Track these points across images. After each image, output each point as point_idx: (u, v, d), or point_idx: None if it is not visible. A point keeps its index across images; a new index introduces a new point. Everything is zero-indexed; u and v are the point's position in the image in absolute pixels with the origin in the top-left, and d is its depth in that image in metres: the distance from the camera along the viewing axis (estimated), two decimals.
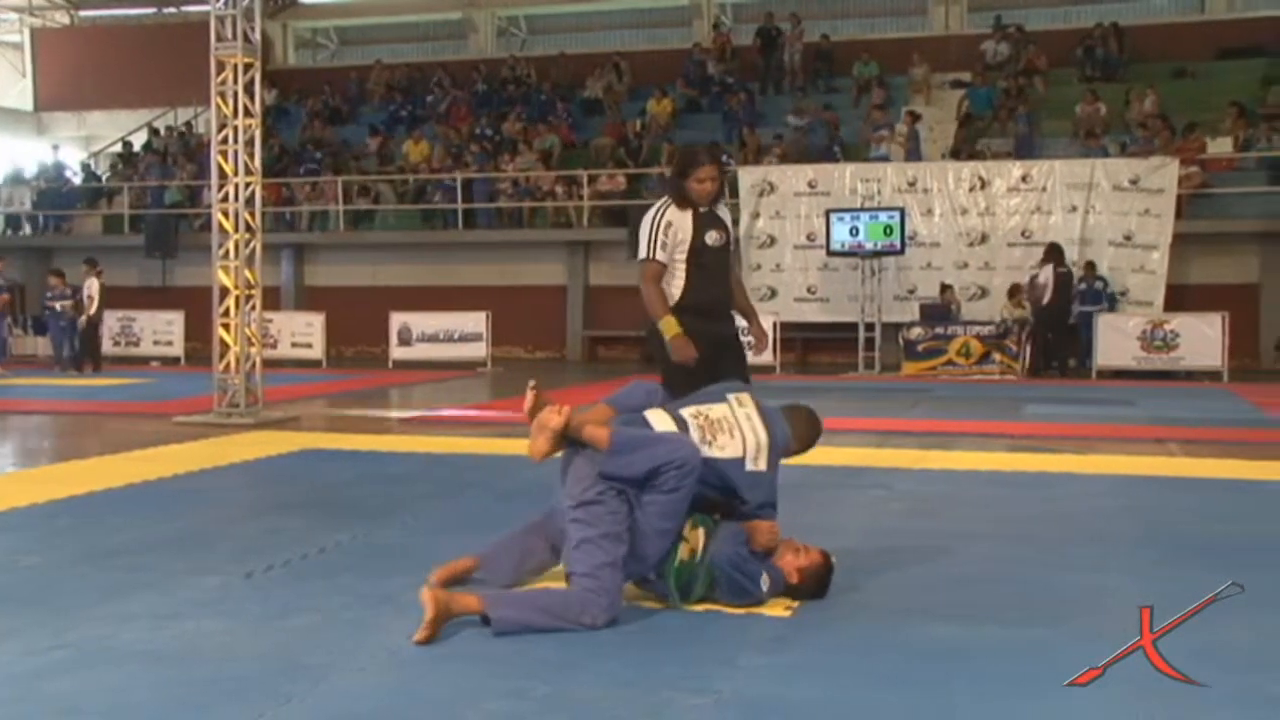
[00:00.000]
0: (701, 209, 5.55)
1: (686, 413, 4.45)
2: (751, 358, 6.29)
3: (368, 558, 5.15)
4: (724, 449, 4.38)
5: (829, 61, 22.05)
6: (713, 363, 5.47)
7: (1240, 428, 10.24)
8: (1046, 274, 15.96)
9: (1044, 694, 3.44)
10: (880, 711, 3.32)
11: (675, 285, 5.55)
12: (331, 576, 4.79)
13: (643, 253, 5.55)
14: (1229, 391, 13.57)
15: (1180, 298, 16.55)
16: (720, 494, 4.40)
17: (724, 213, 5.73)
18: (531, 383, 4.34)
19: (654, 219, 5.57)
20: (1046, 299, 15.90)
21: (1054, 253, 16.12)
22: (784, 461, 4.63)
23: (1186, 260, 16.88)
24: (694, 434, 4.35)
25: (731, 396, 4.60)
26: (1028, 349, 15.76)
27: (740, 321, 5.84)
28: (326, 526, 5.77)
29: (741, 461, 4.38)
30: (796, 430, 4.64)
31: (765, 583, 4.26)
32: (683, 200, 5.53)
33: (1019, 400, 12.44)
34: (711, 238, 5.53)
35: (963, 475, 7.54)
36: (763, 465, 4.41)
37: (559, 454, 4.28)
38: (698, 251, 5.51)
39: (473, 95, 23.39)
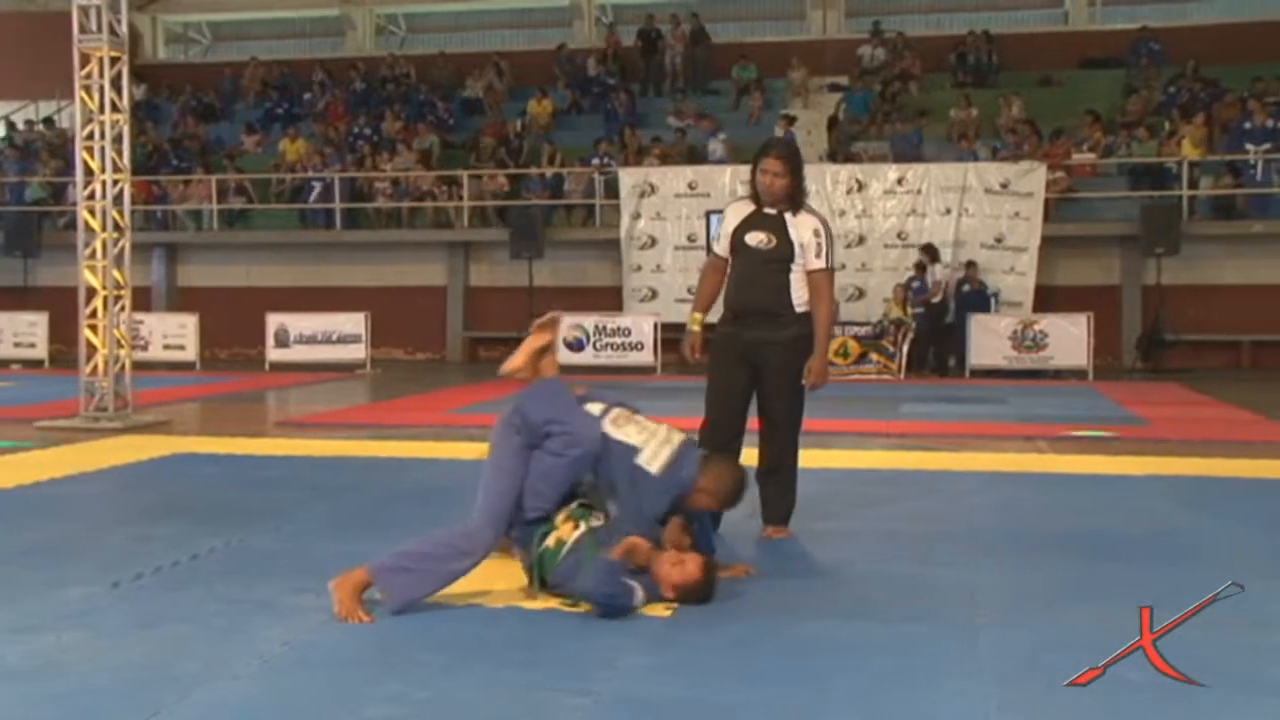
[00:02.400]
0: (768, 209, 5.41)
1: (617, 408, 4.56)
2: (641, 358, 6.25)
3: (242, 564, 5.02)
4: (627, 436, 4.44)
5: (710, 64, 22.20)
6: (740, 368, 5.42)
7: (1104, 424, 10.59)
8: (943, 273, 16.33)
9: (919, 687, 3.51)
10: (758, 709, 3.35)
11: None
12: (204, 584, 4.66)
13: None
14: (1094, 390, 14.02)
15: (1048, 299, 17.06)
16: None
17: (798, 217, 5.39)
18: (554, 314, 4.77)
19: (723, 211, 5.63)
20: (940, 298, 16.27)
21: (935, 253, 16.51)
22: None
23: (1053, 262, 17.40)
24: (608, 416, 4.47)
25: (673, 432, 4.59)
26: (904, 349, 16.09)
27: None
28: (199, 532, 5.61)
29: (636, 451, 4.41)
30: (706, 477, 4.47)
31: (639, 597, 4.19)
32: (752, 193, 5.49)
33: (896, 399, 12.67)
34: (753, 238, 5.37)
35: (841, 474, 7.64)
36: (655, 469, 4.38)
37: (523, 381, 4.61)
38: (734, 250, 5.45)
39: (351, 94, 23.02)
